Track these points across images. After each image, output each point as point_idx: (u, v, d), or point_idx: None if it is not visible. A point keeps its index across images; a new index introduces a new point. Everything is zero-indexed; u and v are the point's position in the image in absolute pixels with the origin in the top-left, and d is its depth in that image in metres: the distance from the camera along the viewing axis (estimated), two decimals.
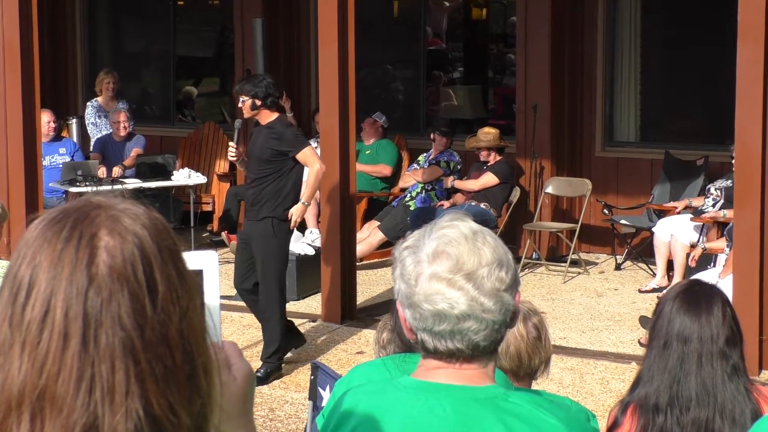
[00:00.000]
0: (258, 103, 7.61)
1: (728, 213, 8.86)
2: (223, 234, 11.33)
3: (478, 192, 10.71)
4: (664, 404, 3.24)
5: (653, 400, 3.26)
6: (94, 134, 12.02)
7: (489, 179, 10.72)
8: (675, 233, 9.65)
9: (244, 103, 7.64)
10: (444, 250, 2.10)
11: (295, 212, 7.67)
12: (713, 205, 9.41)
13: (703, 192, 9.89)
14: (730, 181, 9.28)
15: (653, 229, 9.93)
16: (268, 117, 7.67)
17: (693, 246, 9.70)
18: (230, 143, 8.01)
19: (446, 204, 10.77)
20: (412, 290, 2.11)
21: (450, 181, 10.89)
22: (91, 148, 11.82)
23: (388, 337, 3.47)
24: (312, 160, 7.69)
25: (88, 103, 12.28)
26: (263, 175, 7.66)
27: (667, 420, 3.23)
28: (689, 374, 3.22)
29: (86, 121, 12.20)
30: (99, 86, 12.14)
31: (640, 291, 9.78)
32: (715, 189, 9.57)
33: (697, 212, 9.59)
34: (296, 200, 7.72)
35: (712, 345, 3.21)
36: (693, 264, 8.95)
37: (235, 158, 7.96)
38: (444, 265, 2.09)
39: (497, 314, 2.10)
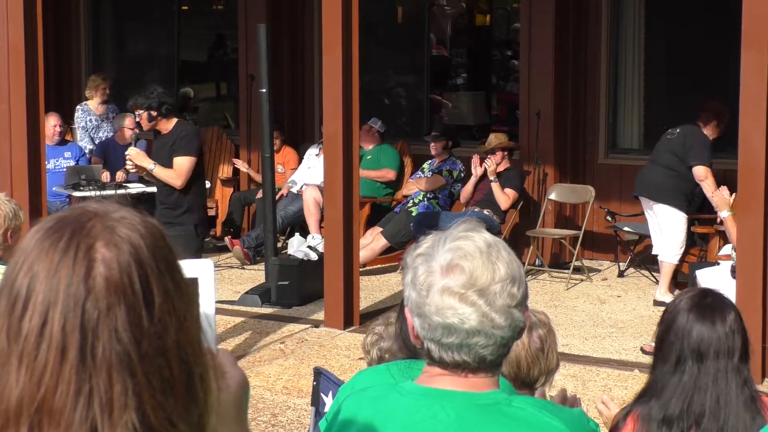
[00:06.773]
0: (154, 114, 7.74)
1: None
2: (227, 239, 11.34)
3: (482, 198, 10.70)
4: (673, 418, 3.21)
5: (663, 413, 3.22)
6: (84, 139, 11.92)
7: (513, 194, 10.65)
8: (660, 254, 9.52)
9: (141, 116, 7.78)
10: (458, 263, 2.09)
11: (134, 155, 7.89)
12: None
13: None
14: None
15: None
16: (167, 125, 7.85)
17: (680, 261, 9.49)
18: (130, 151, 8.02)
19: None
20: (423, 300, 2.10)
21: (492, 170, 10.54)
22: (93, 152, 11.77)
23: (372, 340, 3.53)
24: (179, 173, 7.76)
25: (78, 107, 12.12)
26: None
27: None
28: (704, 390, 3.19)
29: (76, 126, 12.05)
30: (93, 90, 11.98)
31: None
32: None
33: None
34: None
35: (728, 362, 3.19)
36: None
37: (133, 170, 8.16)
38: (457, 280, 2.08)
39: (507, 330, 2.11)
